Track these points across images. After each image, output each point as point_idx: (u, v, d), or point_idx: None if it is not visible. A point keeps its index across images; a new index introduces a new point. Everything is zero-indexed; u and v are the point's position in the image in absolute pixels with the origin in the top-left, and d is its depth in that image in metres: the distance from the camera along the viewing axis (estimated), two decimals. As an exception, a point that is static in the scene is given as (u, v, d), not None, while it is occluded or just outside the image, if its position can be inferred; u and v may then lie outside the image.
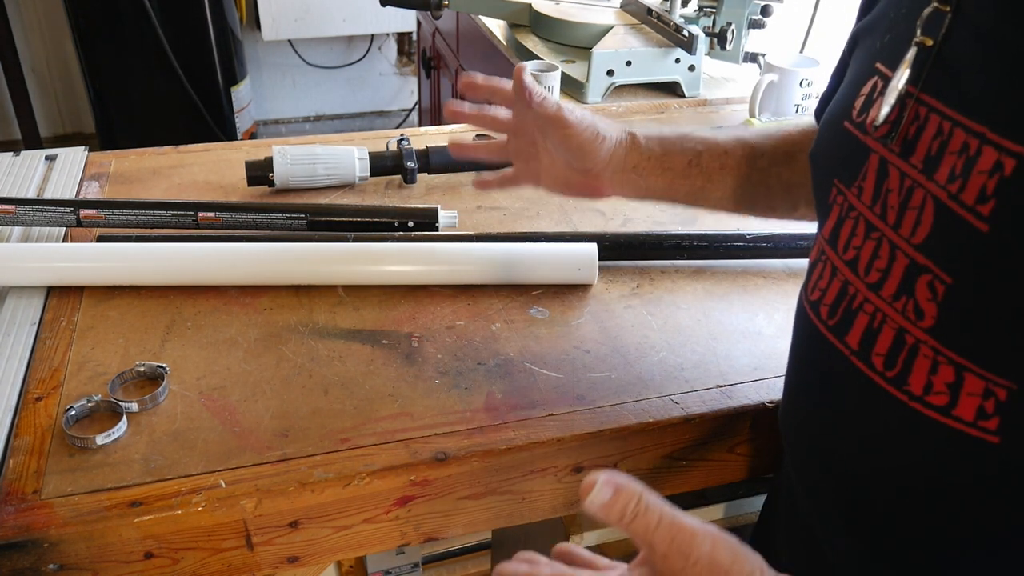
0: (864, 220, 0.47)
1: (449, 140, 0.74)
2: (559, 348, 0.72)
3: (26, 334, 0.71)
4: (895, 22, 0.48)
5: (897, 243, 0.44)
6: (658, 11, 1.29)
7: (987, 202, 0.38)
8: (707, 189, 0.68)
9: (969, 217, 0.39)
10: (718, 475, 0.71)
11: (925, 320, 0.42)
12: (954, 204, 0.40)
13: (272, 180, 0.94)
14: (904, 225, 0.43)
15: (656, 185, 0.68)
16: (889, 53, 0.47)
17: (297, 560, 0.62)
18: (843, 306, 0.48)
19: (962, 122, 0.40)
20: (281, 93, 3.29)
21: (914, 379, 0.43)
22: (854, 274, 0.47)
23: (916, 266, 0.42)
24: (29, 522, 0.54)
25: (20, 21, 2.84)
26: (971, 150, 0.39)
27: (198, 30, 2.54)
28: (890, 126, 0.45)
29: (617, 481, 0.43)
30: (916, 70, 0.44)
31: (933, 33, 0.43)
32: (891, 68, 0.46)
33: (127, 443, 0.61)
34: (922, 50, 0.43)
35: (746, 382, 0.69)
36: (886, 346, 0.44)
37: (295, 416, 0.64)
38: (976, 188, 0.39)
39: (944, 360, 0.41)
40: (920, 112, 0.43)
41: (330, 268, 0.78)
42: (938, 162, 0.41)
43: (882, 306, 0.45)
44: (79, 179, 0.97)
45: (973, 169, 0.39)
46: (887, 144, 0.45)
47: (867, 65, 0.49)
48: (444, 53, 2.10)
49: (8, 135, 2.98)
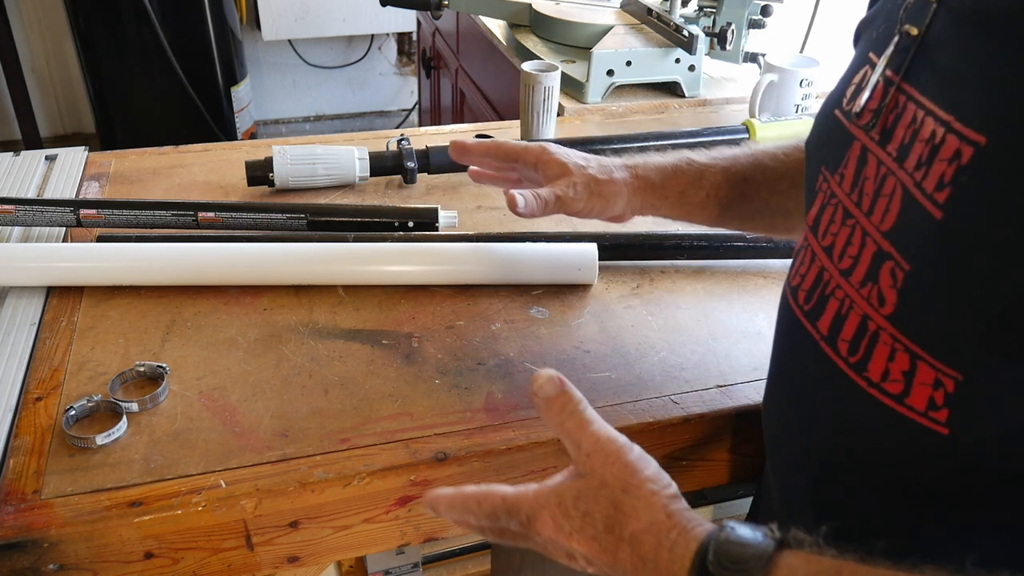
0: (843, 207, 0.47)
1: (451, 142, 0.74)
2: (559, 348, 0.72)
3: (26, 334, 0.71)
4: (890, 12, 0.48)
5: (868, 230, 0.44)
6: (658, 11, 1.29)
7: (943, 189, 0.38)
8: (724, 217, 0.70)
9: (927, 204, 0.39)
10: (718, 475, 0.71)
11: (886, 307, 0.42)
12: (917, 192, 0.40)
13: (272, 180, 0.94)
14: (875, 212, 0.44)
15: (674, 214, 0.71)
16: (880, 43, 0.47)
17: (297, 560, 0.62)
18: (818, 292, 0.48)
19: (933, 111, 0.40)
20: (281, 93, 3.29)
21: (873, 365, 0.43)
22: (829, 260, 0.48)
23: (882, 253, 0.43)
24: (29, 522, 0.54)
25: (20, 21, 2.84)
26: (936, 138, 0.39)
27: (198, 30, 2.54)
28: (872, 114, 0.45)
29: (565, 382, 0.47)
30: (899, 59, 0.44)
31: (918, 22, 0.43)
32: (878, 56, 0.46)
33: (127, 443, 0.61)
34: (905, 39, 0.44)
35: (746, 382, 0.69)
36: (851, 332, 0.45)
37: (295, 416, 0.64)
38: (936, 176, 0.39)
39: (900, 348, 0.41)
40: (900, 100, 0.43)
41: (330, 268, 0.78)
42: (909, 150, 0.41)
43: (851, 292, 0.45)
44: (79, 179, 0.97)
45: (936, 157, 0.39)
46: (868, 132, 0.45)
47: (862, 55, 0.50)
48: (444, 53, 2.10)
49: (8, 135, 2.98)
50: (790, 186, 0.68)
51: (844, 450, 0.47)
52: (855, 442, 0.46)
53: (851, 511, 0.48)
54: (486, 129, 1.15)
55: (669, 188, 0.69)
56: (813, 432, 0.50)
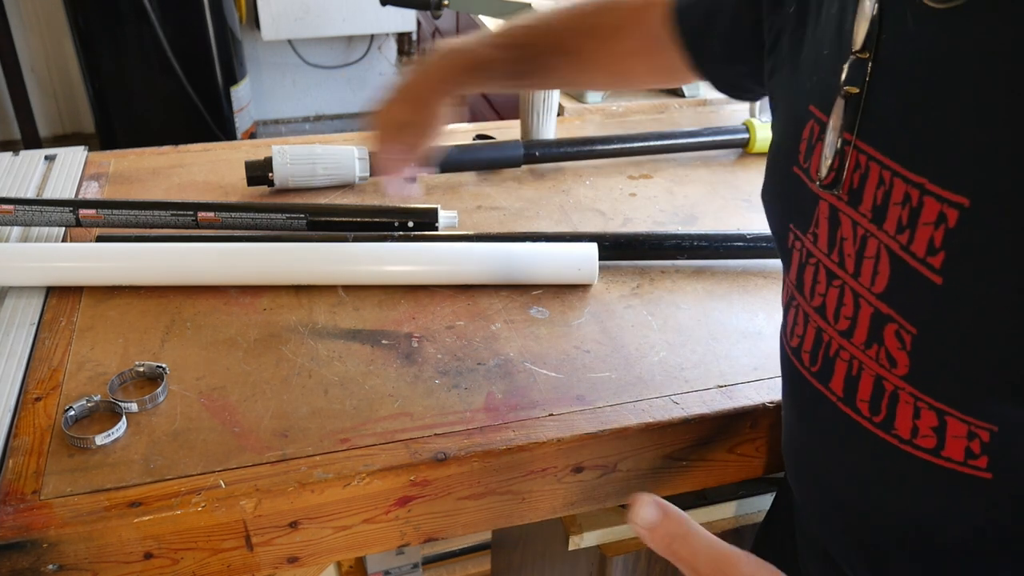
0: (824, 267, 0.46)
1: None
2: (559, 348, 0.72)
3: (25, 334, 0.71)
4: (820, 64, 0.46)
5: (859, 292, 0.43)
6: (658, 11, 1.29)
7: (937, 254, 0.37)
8: (532, 87, 0.78)
9: (923, 269, 0.38)
10: (718, 475, 0.71)
11: (899, 368, 0.41)
12: (906, 256, 0.39)
13: (272, 180, 0.94)
14: (863, 274, 0.43)
15: (487, 89, 0.75)
16: (820, 97, 0.46)
17: (297, 560, 0.62)
18: (821, 353, 0.47)
19: (900, 172, 0.39)
20: (281, 93, 3.29)
21: (900, 424, 0.42)
22: (824, 321, 0.47)
23: (880, 315, 0.42)
24: (28, 522, 0.54)
25: (20, 21, 2.84)
26: (913, 201, 0.38)
27: (198, 30, 2.54)
28: (835, 174, 0.44)
29: (663, 503, 0.42)
30: (849, 118, 0.43)
31: (858, 82, 0.42)
32: (824, 112, 0.45)
33: (127, 443, 0.61)
34: (850, 99, 0.42)
35: (746, 382, 0.69)
36: (868, 393, 0.44)
37: (295, 416, 0.64)
38: (924, 240, 0.38)
39: (925, 406, 0.40)
40: (860, 160, 0.42)
41: (330, 268, 0.78)
42: (884, 212, 0.40)
43: (856, 354, 0.44)
44: (79, 179, 0.96)
45: (919, 221, 0.38)
46: (835, 193, 0.44)
47: (801, 107, 0.48)
48: (444, 53, 2.10)
49: (8, 135, 2.98)
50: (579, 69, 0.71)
51: (881, 500, 0.46)
52: (893, 493, 0.45)
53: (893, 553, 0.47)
54: (486, 129, 1.15)
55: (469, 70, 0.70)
56: (846, 484, 0.49)
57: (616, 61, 0.69)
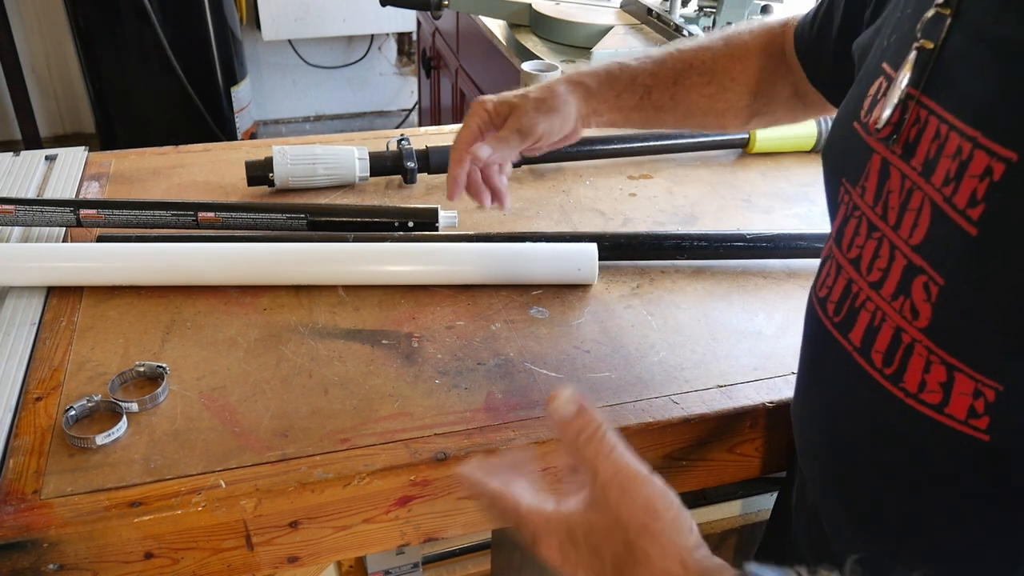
0: (867, 220, 0.47)
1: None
2: (559, 348, 0.72)
3: (26, 334, 0.71)
4: (900, 21, 0.48)
5: (896, 243, 0.44)
6: (658, 11, 1.29)
7: (977, 206, 0.38)
8: (660, 118, 0.74)
9: (960, 220, 0.39)
10: (718, 475, 0.71)
11: (920, 320, 0.42)
12: (947, 207, 0.40)
13: (272, 180, 0.94)
14: (903, 226, 0.44)
15: (615, 119, 0.73)
16: (894, 54, 0.47)
17: (297, 560, 0.62)
18: (847, 304, 0.48)
19: (957, 126, 0.40)
20: (281, 93, 3.29)
21: (909, 377, 0.43)
22: (857, 272, 0.48)
23: (913, 267, 0.43)
24: (29, 522, 0.54)
25: (20, 21, 2.84)
26: (964, 154, 0.39)
27: (198, 30, 2.54)
28: (892, 128, 0.45)
29: (583, 401, 0.43)
30: (918, 73, 0.44)
31: (934, 36, 0.43)
32: (895, 69, 0.46)
33: (127, 443, 0.61)
34: (923, 53, 0.43)
35: (746, 382, 0.69)
36: (885, 344, 0.45)
37: (295, 416, 0.64)
38: (967, 192, 0.39)
39: (937, 360, 0.41)
40: (921, 115, 0.43)
41: (330, 268, 0.78)
42: (935, 165, 0.41)
43: (882, 305, 0.45)
44: (79, 179, 0.96)
45: (965, 173, 0.39)
46: (889, 146, 0.45)
47: (875, 64, 0.49)
48: (444, 53, 2.10)
49: (8, 135, 2.98)
50: (717, 90, 0.71)
51: (881, 458, 0.47)
52: (893, 450, 0.46)
53: (889, 518, 0.48)
54: (486, 129, 1.15)
55: (605, 93, 0.72)
56: (849, 440, 0.50)
57: (753, 80, 0.72)
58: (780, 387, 0.69)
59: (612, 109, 0.72)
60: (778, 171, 1.06)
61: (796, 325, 0.67)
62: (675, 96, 0.72)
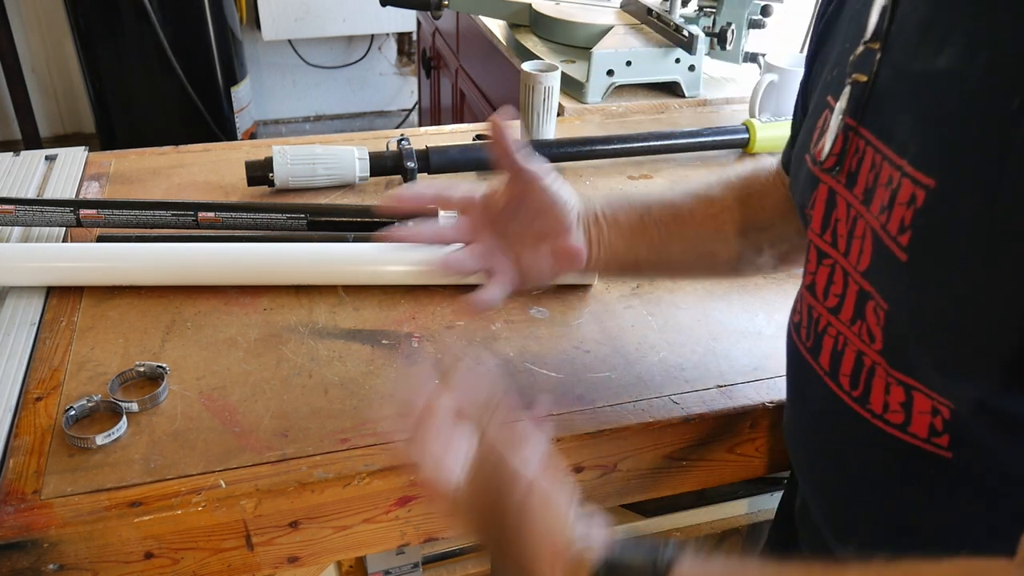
0: (815, 247, 0.49)
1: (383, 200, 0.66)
2: (559, 348, 0.72)
3: (26, 334, 0.71)
4: (840, 56, 0.49)
5: (848, 270, 0.46)
6: (658, 11, 1.29)
7: (905, 232, 0.40)
8: (665, 243, 0.64)
9: (893, 247, 0.41)
10: (718, 475, 0.71)
11: (876, 343, 0.43)
12: (883, 235, 0.42)
13: (272, 180, 0.94)
14: (851, 253, 0.45)
15: (617, 244, 0.64)
16: (835, 87, 0.48)
17: (297, 560, 0.62)
18: (812, 329, 0.50)
19: (889, 156, 0.42)
20: (281, 93, 3.29)
21: (874, 398, 0.45)
22: (814, 298, 0.49)
23: (864, 292, 0.44)
24: (29, 522, 0.54)
25: (20, 21, 2.84)
26: (894, 182, 0.41)
27: (198, 30, 2.53)
28: (836, 158, 0.46)
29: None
30: (854, 105, 0.45)
31: (865, 70, 0.44)
32: (836, 100, 0.47)
33: (127, 443, 0.61)
34: (856, 86, 0.45)
35: (746, 382, 0.69)
36: (849, 367, 0.46)
37: (295, 416, 0.64)
38: (898, 219, 0.40)
39: (894, 381, 0.43)
40: (859, 145, 0.45)
41: (330, 268, 0.78)
42: (873, 194, 0.43)
43: (843, 330, 0.47)
44: (79, 179, 0.96)
45: (895, 200, 0.40)
46: (835, 176, 0.47)
47: (821, 98, 0.51)
48: (444, 53, 2.10)
49: (8, 135, 2.98)
50: (720, 210, 0.65)
51: (856, 473, 0.48)
52: (867, 467, 0.47)
53: (864, 531, 0.49)
54: (486, 129, 1.15)
55: (605, 213, 0.64)
56: (828, 457, 0.51)
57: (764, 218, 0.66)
58: (780, 387, 0.69)
59: (613, 228, 0.64)
60: (778, 171, 1.05)
61: (796, 325, 0.67)
62: (678, 215, 0.65)
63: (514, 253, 0.62)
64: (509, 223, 0.62)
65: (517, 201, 0.62)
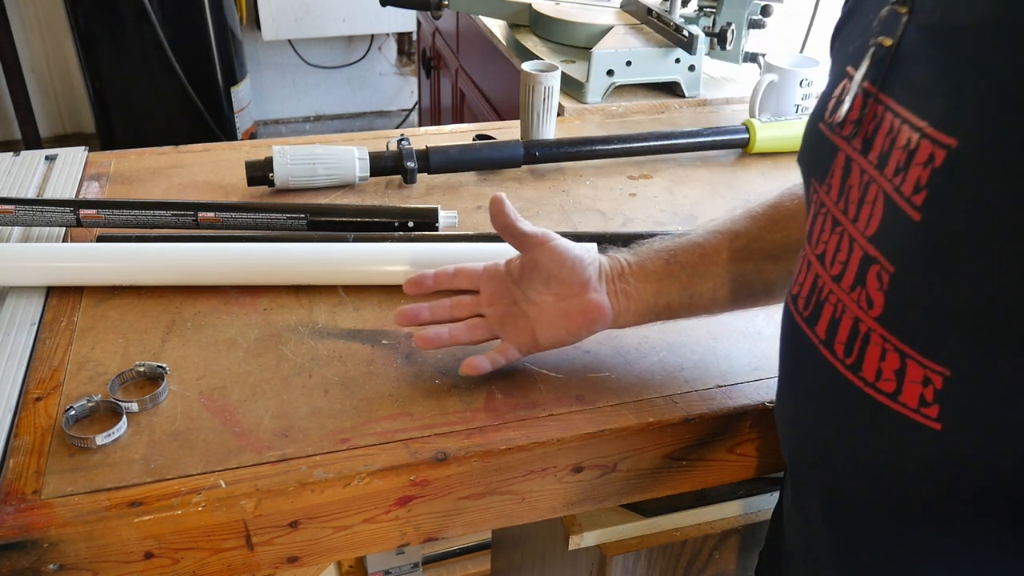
0: (831, 216, 0.49)
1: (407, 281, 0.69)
2: (559, 348, 0.72)
3: (26, 334, 0.71)
4: (864, 27, 0.49)
5: (855, 236, 0.46)
6: (658, 11, 1.29)
7: (920, 192, 0.40)
8: (695, 283, 0.65)
9: (906, 207, 0.41)
10: (718, 475, 0.71)
11: (874, 309, 0.44)
12: (896, 196, 0.41)
13: (272, 180, 0.94)
14: (860, 219, 0.45)
15: (646, 292, 0.65)
16: (856, 56, 0.48)
17: (297, 560, 0.62)
18: (814, 298, 0.50)
19: (908, 119, 0.42)
20: (281, 93, 3.29)
21: (867, 366, 0.45)
22: (822, 267, 0.49)
23: (868, 258, 0.44)
24: (29, 522, 0.54)
25: (20, 21, 2.84)
26: (912, 144, 0.41)
27: (198, 30, 2.54)
28: (853, 125, 0.46)
29: None
30: (875, 70, 0.45)
31: (891, 33, 0.44)
32: (856, 70, 0.47)
33: (127, 443, 0.61)
34: (880, 50, 0.45)
35: (746, 382, 0.69)
36: (845, 334, 0.46)
37: (295, 416, 0.64)
38: (913, 180, 0.40)
39: (891, 347, 0.43)
40: (878, 111, 0.45)
41: (330, 268, 0.78)
42: (888, 157, 0.43)
43: (842, 297, 0.47)
44: (79, 179, 0.97)
45: (912, 162, 0.40)
46: (851, 142, 0.47)
47: (840, 69, 0.51)
48: (444, 53, 2.10)
49: (8, 135, 2.98)
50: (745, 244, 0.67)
51: (848, 450, 0.48)
52: (858, 441, 0.47)
53: (858, 510, 0.49)
54: (486, 129, 1.15)
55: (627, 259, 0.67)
56: (819, 433, 0.51)
57: None
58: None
59: (639, 275, 0.66)
60: (778, 171, 1.06)
61: (796, 325, 0.67)
62: (704, 255, 0.66)
63: (531, 320, 0.66)
64: (528, 291, 0.66)
65: (531, 267, 0.66)
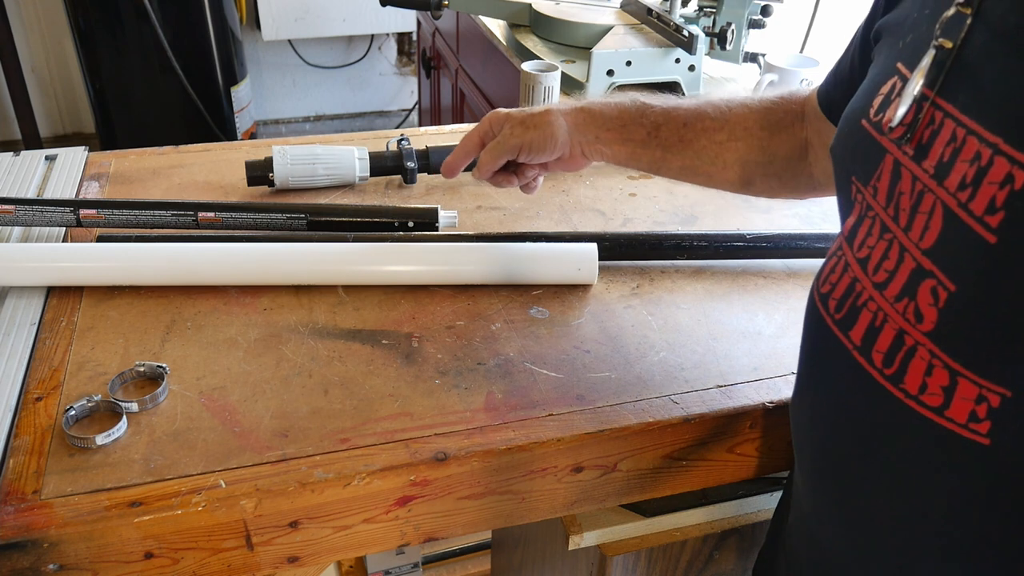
0: (880, 221, 0.47)
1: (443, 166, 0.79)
2: (559, 348, 0.72)
3: (26, 334, 0.71)
4: (918, 22, 0.47)
5: (906, 246, 0.44)
6: (658, 11, 1.29)
7: (996, 213, 0.38)
8: (667, 159, 0.73)
9: (977, 227, 0.39)
10: (718, 475, 0.71)
11: (924, 324, 0.42)
12: (963, 212, 0.40)
13: (272, 180, 0.94)
14: (914, 229, 0.43)
15: (620, 153, 0.73)
16: (910, 54, 0.46)
17: (297, 560, 0.62)
18: (849, 302, 0.48)
19: (976, 130, 0.40)
20: (281, 93, 3.29)
21: (910, 379, 0.43)
22: (863, 272, 0.47)
23: (922, 270, 0.42)
24: (29, 522, 0.54)
25: (20, 21, 2.84)
26: (983, 159, 0.39)
27: (198, 30, 2.54)
28: (905, 128, 0.44)
29: None
30: (934, 73, 0.43)
31: (953, 36, 0.42)
32: (910, 69, 0.45)
33: (127, 443, 0.61)
34: (941, 52, 0.43)
35: (746, 382, 0.69)
36: (886, 344, 0.45)
37: (295, 416, 0.64)
38: (986, 199, 0.38)
39: (940, 364, 0.41)
40: (936, 116, 0.43)
41: (330, 268, 0.78)
42: (949, 169, 0.41)
43: (884, 306, 0.45)
44: (79, 179, 0.97)
45: (984, 179, 0.38)
46: (901, 146, 0.45)
47: (889, 64, 0.49)
48: (444, 53, 2.10)
49: (8, 135, 2.98)
50: (728, 138, 0.71)
51: (876, 457, 0.47)
52: (888, 449, 0.46)
53: (878, 515, 0.48)
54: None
55: (610, 121, 0.72)
56: (843, 437, 0.50)
57: (763, 131, 0.71)
58: (780, 387, 0.69)
59: (617, 140, 0.72)
60: (778, 171, 1.05)
61: (796, 325, 0.67)
62: (684, 138, 0.72)
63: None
64: None
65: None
